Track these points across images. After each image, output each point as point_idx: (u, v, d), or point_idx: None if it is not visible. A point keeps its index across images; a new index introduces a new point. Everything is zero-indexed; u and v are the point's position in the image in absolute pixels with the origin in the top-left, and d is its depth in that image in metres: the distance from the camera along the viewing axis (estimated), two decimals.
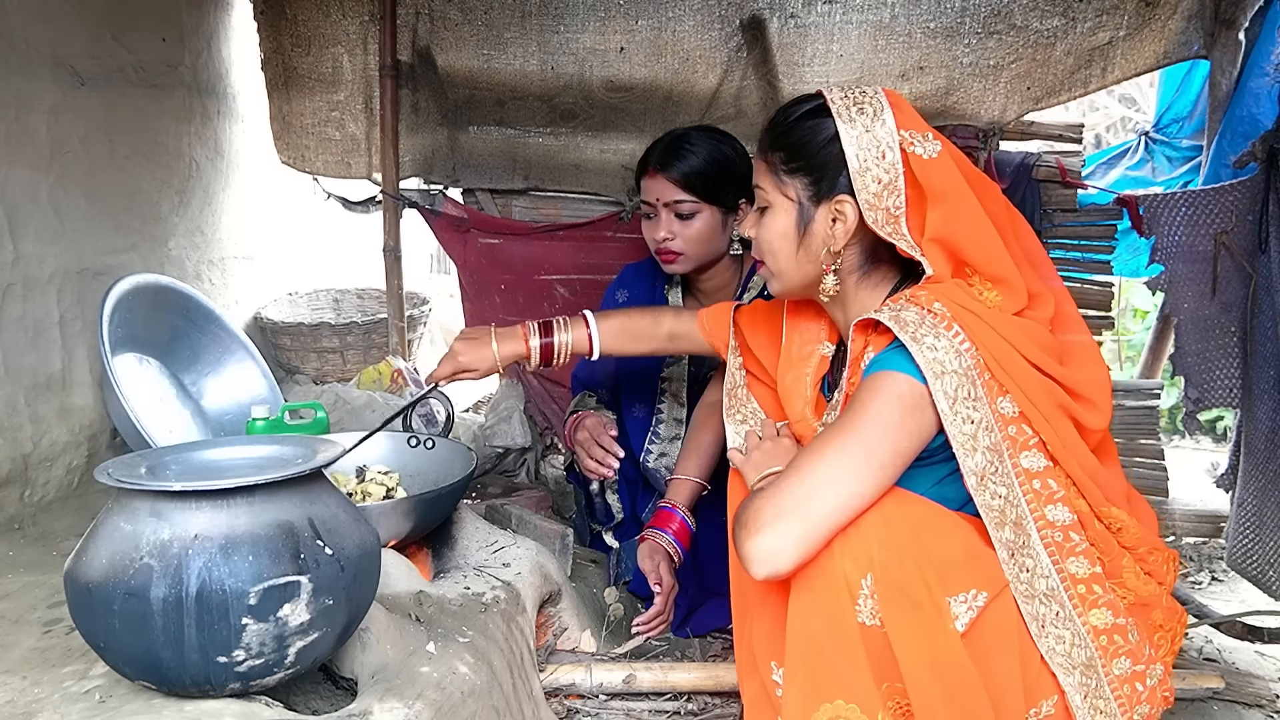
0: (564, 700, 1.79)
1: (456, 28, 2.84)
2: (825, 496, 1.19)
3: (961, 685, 1.17)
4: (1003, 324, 1.28)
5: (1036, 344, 1.29)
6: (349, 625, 1.25)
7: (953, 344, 1.23)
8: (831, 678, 1.19)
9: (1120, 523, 1.30)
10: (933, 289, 1.30)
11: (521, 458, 2.90)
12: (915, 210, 1.35)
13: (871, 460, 1.21)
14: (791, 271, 1.45)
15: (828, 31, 2.67)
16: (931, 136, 1.36)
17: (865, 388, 1.26)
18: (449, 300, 4.38)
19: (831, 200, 1.38)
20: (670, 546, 1.90)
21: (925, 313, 1.26)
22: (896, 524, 1.21)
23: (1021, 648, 1.23)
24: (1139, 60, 2.55)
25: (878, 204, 1.34)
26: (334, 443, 1.32)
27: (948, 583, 1.20)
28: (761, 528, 1.19)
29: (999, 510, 1.23)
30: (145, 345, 2.43)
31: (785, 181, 1.41)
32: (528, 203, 3.03)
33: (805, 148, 1.39)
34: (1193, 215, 2.31)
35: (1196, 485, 3.04)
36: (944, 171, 1.34)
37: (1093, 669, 1.24)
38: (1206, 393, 2.34)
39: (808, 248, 1.41)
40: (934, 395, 1.22)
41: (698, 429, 1.99)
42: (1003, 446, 1.24)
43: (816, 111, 1.39)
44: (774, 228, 1.43)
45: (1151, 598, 1.33)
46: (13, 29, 2.07)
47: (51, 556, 1.83)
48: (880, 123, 1.34)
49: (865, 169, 1.34)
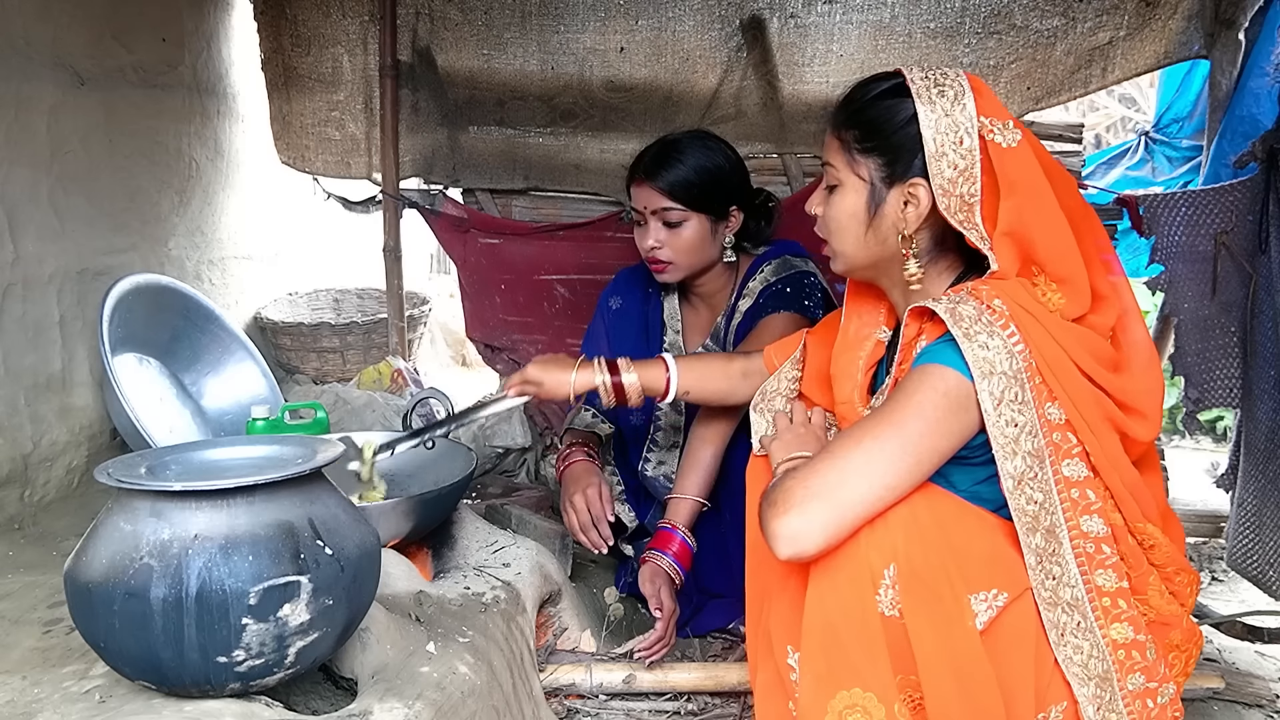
0: (564, 700, 1.79)
1: (456, 28, 2.84)
2: (858, 485, 1.19)
3: (976, 682, 1.16)
4: (1059, 329, 1.26)
5: (1091, 353, 1.27)
6: (349, 625, 1.25)
7: (1006, 344, 1.21)
8: (849, 665, 1.18)
9: (1153, 540, 1.29)
10: (995, 284, 1.28)
11: (521, 458, 2.90)
12: (989, 199, 1.31)
13: (909, 455, 1.20)
14: (857, 251, 1.41)
15: (828, 32, 2.67)
16: (1012, 125, 1.32)
17: (912, 378, 1.25)
18: (449, 300, 4.38)
19: (905, 183, 1.34)
20: (671, 568, 1.88)
21: (984, 308, 1.24)
22: (923, 517, 1.20)
23: (1037, 652, 1.22)
24: (1139, 60, 2.54)
25: (952, 190, 1.31)
26: (334, 443, 1.32)
27: (970, 579, 1.19)
28: (791, 508, 1.18)
29: (1032, 515, 1.22)
30: (145, 345, 2.43)
31: (858, 160, 1.38)
32: (528, 203, 3.03)
33: (882, 127, 1.35)
34: (1193, 215, 2.31)
35: (1196, 485, 3.04)
36: (1023, 162, 1.30)
37: (1108, 682, 1.23)
38: (1206, 393, 2.33)
39: (877, 229, 1.38)
40: (979, 395, 1.20)
41: (696, 444, 1.95)
42: (1045, 453, 1.22)
43: (895, 90, 1.35)
44: (843, 206, 1.40)
45: (1173, 618, 1.32)
46: (13, 29, 2.07)
47: (51, 556, 1.83)
48: (960, 107, 1.31)
49: (942, 153, 1.31)
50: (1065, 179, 1.37)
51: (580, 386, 1.76)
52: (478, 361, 4.18)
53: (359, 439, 1.87)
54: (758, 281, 2.06)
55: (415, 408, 2.10)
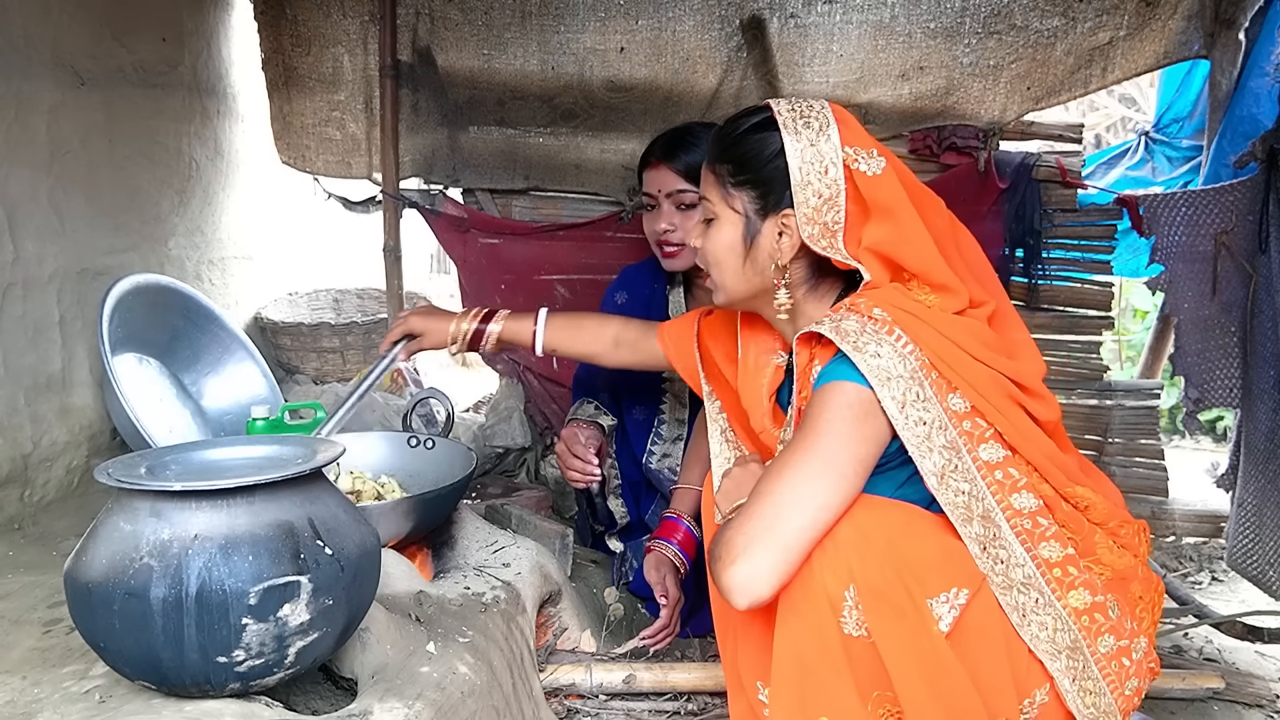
0: (564, 700, 1.79)
1: (456, 28, 2.84)
2: (792, 516, 1.19)
3: (950, 686, 1.17)
4: (944, 323, 1.28)
5: (979, 340, 1.29)
6: (349, 625, 1.25)
7: (895, 348, 1.23)
8: (818, 695, 1.19)
9: (1087, 500, 1.31)
10: (871, 295, 1.31)
11: (521, 458, 2.90)
12: (855, 225, 1.35)
13: (832, 472, 1.20)
14: (737, 284, 1.45)
15: (828, 31, 2.67)
16: (876, 153, 1.36)
17: (815, 402, 1.26)
18: (449, 300, 4.38)
19: (778, 214, 1.38)
20: (676, 557, 1.89)
21: (866, 319, 1.26)
22: (871, 532, 1.21)
23: (1007, 641, 1.23)
24: (1139, 60, 2.55)
25: (816, 218, 1.35)
26: (334, 443, 1.32)
27: (927, 585, 1.20)
28: (736, 557, 1.18)
29: (964, 506, 1.24)
30: (145, 345, 2.43)
31: (732, 194, 1.41)
32: (528, 203, 3.03)
33: (753, 160, 1.39)
34: (1193, 215, 2.31)
35: (1196, 485, 3.04)
36: (888, 188, 1.34)
37: (1078, 651, 1.24)
38: (1206, 393, 2.34)
39: (754, 261, 1.41)
40: (883, 402, 1.22)
41: (701, 435, 1.98)
42: (959, 443, 1.24)
43: (765, 125, 1.39)
44: (720, 240, 1.43)
45: (1128, 570, 1.33)
46: (13, 29, 2.07)
47: (51, 556, 1.83)
48: (825, 137, 1.35)
49: (807, 182, 1.35)
50: (930, 200, 1.41)
51: (454, 334, 1.88)
52: (477, 361, 4.18)
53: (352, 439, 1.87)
54: None
55: (415, 408, 2.10)
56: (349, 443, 1.71)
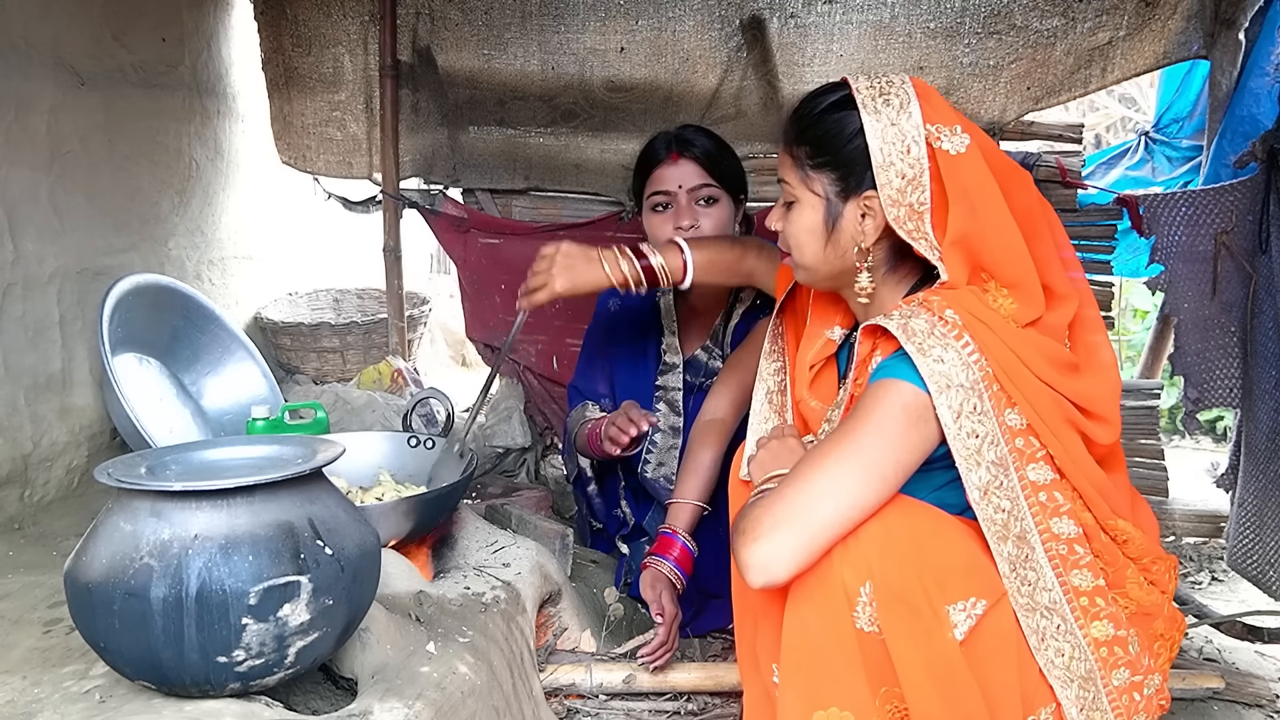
0: (564, 700, 1.79)
1: (457, 28, 2.84)
2: (823, 507, 1.18)
3: (959, 693, 1.16)
4: (1013, 337, 1.25)
5: (1046, 359, 1.26)
6: (349, 625, 1.25)
7: (961, 355, 1.20)
8: (827, 684, 1.19)
9: (1126, 534, 1.29)
10: (946, 295, 1.27)
11: (521, 458, 2.90)
12: (940, 207, 1.31)
13: (873, 473, 1.19)
14: (818, 266, 1.41)
15: (828, 32, 2.67)
16: (960, 129, 1.31)
17: (870, 395, 1.24)
18: (449, 300, 4.38)
19: (860, 196, 1.34)
20: (672, 573, 1.88)
21: (936, 320, 1.23)
22: (897, 531, 1.20)
23: (1020, 657, 1.22)
24: (1139, 60, 2.55)
25: (901, 200, 1.31)
26: (334, 443, 1.32)
27: (947, 590, 1.18)
28: (759, 536, 1.17)
29: (1002, 524, 1.22)
30: (145, 345, 2.43)
31: (812, 177, 1.38)
32: (528, 203, 3.03)
33: (832, 141, 1.35)
34: (1193, 215, 2.31)
35: (1196, 485, 3.04)
36: (971, 168, 1.29)
37: (1091, 681, 1.23)
38: (1206, 393, 2.34)
39: (836, 243, 1.38)
40: (938, 409, 1.19)
41: (696, 447, 1.96)
42: (1009, 460, 1.22)
43: (843, 103, 1.35)
44: (801, 223, 1.40)
45: (1154, 607, 1.32)
46: (13, 29, 2.07)
47: (51, 556, 1.83)
48: (906, 115, 1.30)
49: (889, 163, 1.30)
50: (1020, 178, 1.36)
51: (616, 277, 1.76)
52: (478, 361, 4.18)
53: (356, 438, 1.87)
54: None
55: (415, 408, 2.10)
56: (349, 442, 1.71)
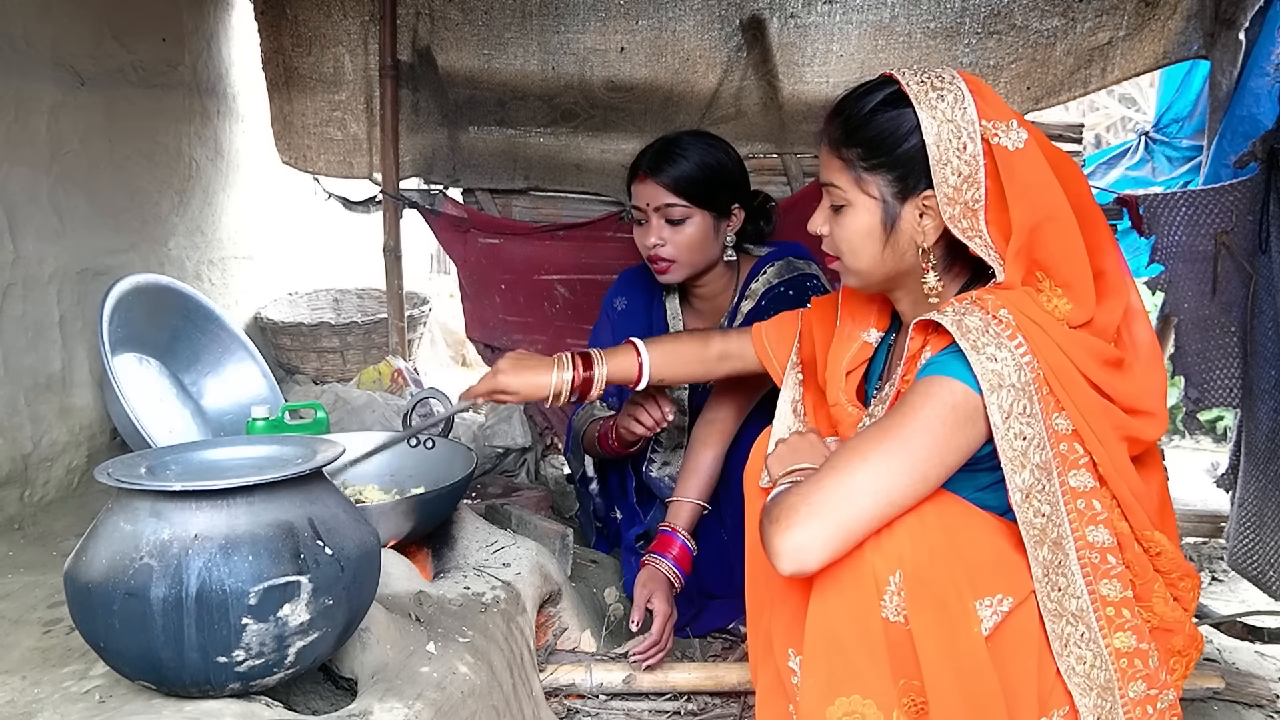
0: (564, 700, 1.79)
1: (457, 28, 2.84)
2: (862, 500, 1.16)
3: (980, 688, 1.16)
4: (1066, 339, 1.23)
5: (1096, 360, 1.24)
6: (349, 625, 1.25)
7: (1014, 355, 1.18)
8: (850, 672, 1.18)
9: (1159, 547, 1.28)
10: (1000, 294, 1.25)
11: (521, 458, 2.90)
12: (995, 204, 1.28)
13: (915, 471, 1.18)
14: (874, 269, 1.37)
15: (828, 32, 2.67)
16: (1017, 125, 1.28)
17: (918, 390, 1.22)
18: (449, 300, 4.38)
19: (918, 195, 1.31)
20: (670, 572, 1.87)
21: (990, 319, 1.21)
22: (930, 523, 1.19)
23: (1040, 657, 1.22)
24: (1139, 60, 2.54)
25: (956, 198, 1.28)
26: (334, 443, 1.32)
27: (977, 585, 1.18)
28: (794, 524, 1.16)
29: (1039, 529, 1.21)
30: (145, 345, 2.43)
31: (866, 179, 1.33)
32: (528, 203, 3.03)
33: (886, 142, 1.30)
34: (1193, 215, 2.30)
35: (1196, 485, 3.04)
36: (1031, 165, 1.26)
37: (1110, 691, 1.22)
38: (1206, 393, 2.33)
39: (895, 245, 1.34)
40: (988, 408, 1.18)
41: (697, 446, 1.95)
42: (1052, 464, 1.20)
43: (893, 100, 1.30)
44: (855, 227, 1.36)
45: (1176, 624, 1.31)
46: (13, 29, 2.07)
47: (51, 556, 1.83)
48: (961, 110, 1.27)
49: (945, 161, 1.27)
50: (1074, 173, 1.32)
51: (556, 385, 1.67)
52: (478, 361, 4.17)
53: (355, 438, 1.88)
54: (760, 283, 2.05)
55: (415, 408, 2.09)
56: (349, 442, 1.71)
